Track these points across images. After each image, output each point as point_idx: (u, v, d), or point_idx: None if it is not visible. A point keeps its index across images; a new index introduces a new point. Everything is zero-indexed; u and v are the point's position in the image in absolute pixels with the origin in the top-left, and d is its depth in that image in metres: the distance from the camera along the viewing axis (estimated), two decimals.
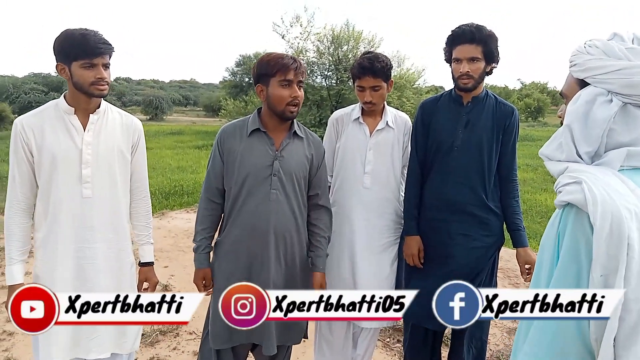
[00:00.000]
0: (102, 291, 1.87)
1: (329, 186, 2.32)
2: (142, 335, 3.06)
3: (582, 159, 1.03)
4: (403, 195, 2.34)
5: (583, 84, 1.06)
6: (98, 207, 1.85)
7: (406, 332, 2.44)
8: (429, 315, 2.26)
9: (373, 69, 2.12)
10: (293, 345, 2.16)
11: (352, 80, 2.27)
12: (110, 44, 1.79)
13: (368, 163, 2.23)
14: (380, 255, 2.28)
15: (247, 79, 28.09)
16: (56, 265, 1.81)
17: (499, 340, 3.16)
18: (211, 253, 2.01)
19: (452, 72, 2.13)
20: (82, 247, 1.83)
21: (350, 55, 11.61)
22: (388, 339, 3.14)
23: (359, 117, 2.26)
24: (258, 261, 1.90)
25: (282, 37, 11.41)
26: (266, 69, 1.84)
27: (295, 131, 1.95)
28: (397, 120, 2.31)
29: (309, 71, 12.41)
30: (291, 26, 11.26)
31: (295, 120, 1.96)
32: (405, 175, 2.36)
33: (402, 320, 2.54)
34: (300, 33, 11.23)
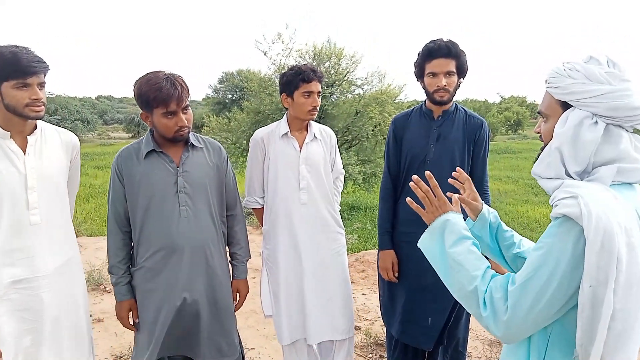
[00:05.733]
0: (55, 319, 1.77)
1: (262, 207, 2.33)
2: (120, 357, 2.99)
3: (571, 177, 1.08)
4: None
5: (565, 105, 1.11)
6: (47, 232, 1.75)
7: (389, 349, 2.44)
8: (413, 332, 2.27)
9: (317, 74, 2.17)
10: None
11: (291, 87, 2.18)
12: (45, 62, 1.67)
13: (302, 179, 2.23)
14: (329, 268, 2.29)
15: (230, 96, 28.14)
16: (3, 300, 1.67)
17: (480, 353, 3.15)
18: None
19: (425, 87, 2.15)
20: (33, 278, 1.71)
21: (332, 72, 11.73)
22: (370, 355, 3.11)
23: (287, 132, 2.24)
24: (181, 281, 1.84)
25: (265, 54, 11.46)
26: (146, 100, 1.73)
27: (192, 143, 1.89)
28: (323, 134, 2.33)
29: None
30: (273, 43, 11.32)
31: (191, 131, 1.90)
32: (336, 187, 2.41)
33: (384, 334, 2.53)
34: (282, 50, 11.29)
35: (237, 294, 2.10)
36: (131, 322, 1.93)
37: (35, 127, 1.77)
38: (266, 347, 3.15)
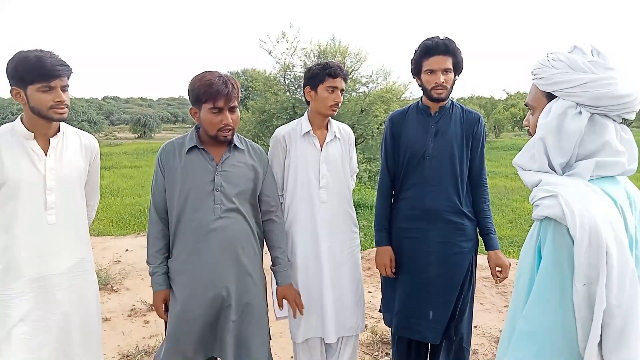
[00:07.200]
0: (66, 318, 1.80)
1: (281, 203, 2.33)
2: (127, 356, 3.02)
3: (554, 170, 1.06)
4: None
5: (550, 96, 1.09)
6: (63, 232, 1.80)
7: (393, 345, 2.45)
8: (418, 326, 2.29)
9: (343, 72, 2.20)
10: None
11: (316, 81, 2.19)
12: (68, 65, 1.71)
13: (322, 177, 2.25)
14: (345, 266, 2.32)
15: None
16: (17, 297, 1.71)
17: (487, 350, 3.15)
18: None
19: (422, 84, 2.17)
20: (47, 276, 1.76)
21: None
22: (376, 353, 3.12)
23: (309, 131, 2.26)
24: (212, 278, 1.87)
25: (269, 53, 11.45)
26: (197, 95, 1.80)
27: (235, 144, 1.92)
28: (342, 132, 2.36)
29: (296, 86, 12.45)
30: (277, 42, 11.29)
31: (235, 133, 1.93)
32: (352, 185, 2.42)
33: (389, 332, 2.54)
34: (287, 49, 11.27)
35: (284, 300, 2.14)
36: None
37: (58, 130, 1.82)
38: (272, 346, 3.15)
